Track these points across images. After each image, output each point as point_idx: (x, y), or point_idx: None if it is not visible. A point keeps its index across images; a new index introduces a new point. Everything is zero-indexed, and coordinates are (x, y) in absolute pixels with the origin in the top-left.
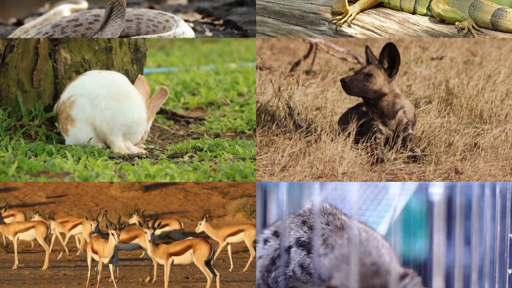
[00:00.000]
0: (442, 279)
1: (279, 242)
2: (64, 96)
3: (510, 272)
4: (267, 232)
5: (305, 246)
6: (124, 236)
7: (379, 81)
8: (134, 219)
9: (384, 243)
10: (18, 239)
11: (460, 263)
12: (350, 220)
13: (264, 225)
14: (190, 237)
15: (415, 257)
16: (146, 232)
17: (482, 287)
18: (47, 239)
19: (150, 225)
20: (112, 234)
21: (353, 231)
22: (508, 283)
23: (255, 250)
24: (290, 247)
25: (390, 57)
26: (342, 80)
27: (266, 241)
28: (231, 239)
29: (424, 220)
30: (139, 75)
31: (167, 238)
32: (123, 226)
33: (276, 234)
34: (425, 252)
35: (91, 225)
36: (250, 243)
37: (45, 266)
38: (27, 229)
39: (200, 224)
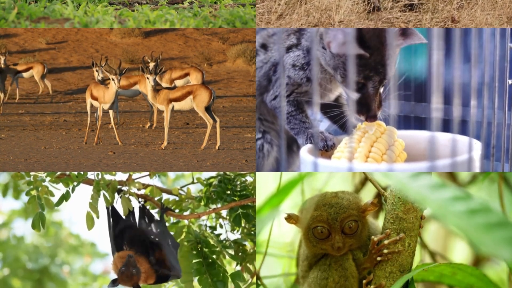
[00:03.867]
0: (441, 96)
1: (269, 56)
2: None
3: (510, 82)
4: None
5: (294, 46)
6: (124, 82)
7: None
8: None
9: None
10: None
11: (459, 81)
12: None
13: None
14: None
15: (416, 76)
16: (148, 78)
17: (481, 101)
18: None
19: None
20: (113, 79)
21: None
22: (508, 94)
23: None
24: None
25: None
26: None
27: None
28: (178, 82)
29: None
30: None
31: None
32: (123, 72)
33: (264, 47)
34: (425, 71)
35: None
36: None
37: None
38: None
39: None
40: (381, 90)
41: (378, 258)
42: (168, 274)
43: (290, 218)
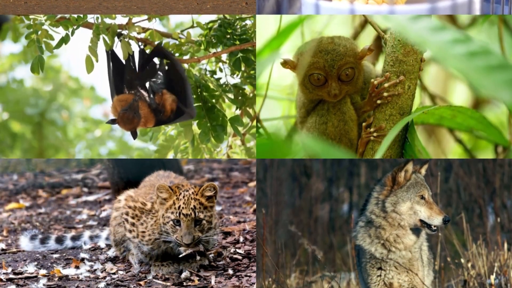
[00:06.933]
0: None
1: None
2: None
3: None
4: None
5: None
6: None
7: None
8: None
9: None
10: None
11: None
12: None
13: None
14: None
15: None
16: None
17: None
18: None
19: None
20: None
21: None
22: None
23: None
24: None
25: None
26: None
27: None
28: None
29: None
30: None
31: None
32: None
33: None
34: None
35: None
36: None
37: None
38: None
39: None
40: None
41: (378, 101)
42: (183, 110)
43: (286, 64)
